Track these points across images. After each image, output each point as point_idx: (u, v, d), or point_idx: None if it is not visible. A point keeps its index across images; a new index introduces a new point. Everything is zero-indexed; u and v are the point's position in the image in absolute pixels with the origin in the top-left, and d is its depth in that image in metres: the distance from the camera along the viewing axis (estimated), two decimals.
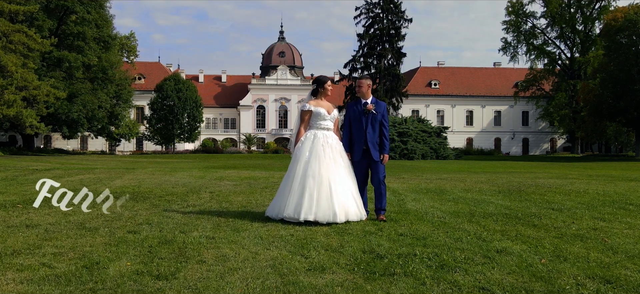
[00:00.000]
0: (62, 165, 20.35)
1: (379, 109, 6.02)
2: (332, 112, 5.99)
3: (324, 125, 5.88)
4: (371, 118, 5.94)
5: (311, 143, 5.75)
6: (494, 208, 6.95)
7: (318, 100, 6.00)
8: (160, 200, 7.31)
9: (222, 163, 30.86)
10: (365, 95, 6.05)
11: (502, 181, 12.22)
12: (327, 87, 6.01)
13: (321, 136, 5.79)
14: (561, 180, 13.73)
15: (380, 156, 5.99)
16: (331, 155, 5.68)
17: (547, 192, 9.41)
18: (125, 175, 12.36)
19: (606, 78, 48.65)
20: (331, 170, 5.59)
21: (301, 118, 6.00)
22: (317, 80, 6.07)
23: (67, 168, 15.60)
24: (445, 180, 13.11)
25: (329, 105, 6.02)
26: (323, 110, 5.90)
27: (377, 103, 6.06)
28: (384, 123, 6.05)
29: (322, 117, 5.87)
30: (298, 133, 5.92)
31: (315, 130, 5.86)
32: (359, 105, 6.04)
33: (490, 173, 19.99)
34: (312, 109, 5.89)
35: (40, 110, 37.48)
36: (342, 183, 5.62)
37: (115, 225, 5.29)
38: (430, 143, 45.32)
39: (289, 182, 5.66)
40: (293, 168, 5.70)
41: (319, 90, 6.01)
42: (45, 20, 42.39)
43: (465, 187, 10.33)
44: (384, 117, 6.06)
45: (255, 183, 9.97)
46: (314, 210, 5.42)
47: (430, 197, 8.33)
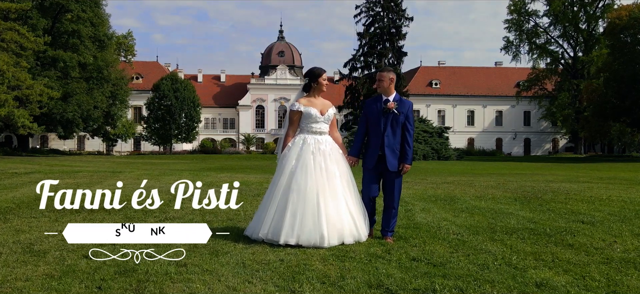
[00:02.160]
0: (50, 167, 19.50)
1: (403, 109, 5.00)
2: (326, 112, 5.03)
3: (316, 128, 4.95)
4: (392, 118, 4.96)
5: (299, 149, 4.83)
6: (516, 221, 6.08)
7: (310, 97, 5.06)
8: (136, 212, 6.42)
9: (219, 164, 30.08)
10: (387, 91, 5.06)
11: (513, 186, 11.37)
12: (321, 81, 5.05)
13: (312, 141, 4.88)
14: (574, 183, 12.89)
15: (399, 166, 5.01)
16: (322, 164, 4.77)
17: (568, 200, 8.55)
18: (107, 180, 11.50)
19: (610, 78, 47.88)
20: (321, 182, 4.68)
21: (289, 119, 5.05)
22: (309, 73, 5.11)
23: (50, 172, 14.74)
24: (452, 184, 12.26)
25: (323, 103, 5.08)
26: (315, 110, 4.97)
27: (401, 102, 5.05)
28: (408, 127, 5.01)
29: (313, 118, 4.95)
30: (286, 138, 5.02)
31: (306, 133, 4.95)
32: (378, 102, 5.05)
33: (497, 175, 19.19)
34: (301, 109, 4.96)
35: (33, 110, 36.63)
36: (335, 197, 4.69)
37: (70, 246, 4.41)
38: (432, 144, 44.52)
39: (271, 196, 4.77)
40: (276, 179, 4.82)
41: (311, 85, 5.06)
42: (40, 18, 41.51)
43: (477, 194, 9.48)
44: (408, 118, 5.02)
45: (247, 190, 9.09)
46: (296, 231, 4.51)
47: (441, 206, 7.47)
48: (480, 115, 79.67)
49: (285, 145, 4.94)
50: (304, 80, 5.14)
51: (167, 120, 55.22)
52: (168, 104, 55.13)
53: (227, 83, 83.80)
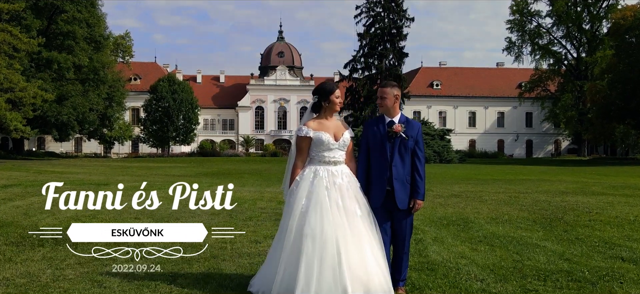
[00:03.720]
0: (35, 176, 18.70)
1: (412, 132, 4.13)
2: (341, 136, 4.10)
3: (329, 157, 4.03)
4: (400, 144, 4.08)
5: (310, 184, 3.93)
6: (546, 259, 5.26)
7: (321, 119, 4.12)
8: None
9: (216, 169, 29.29)
10: (391, 111, 4.17)
11: (527, 202, 10.56)
12: (333, 99, 4.11)
13: (325, 173, 3.97)
14: (590, 196, 12.13)
15: (409, 203, 4.13)
16: (339, 202, 3.87)
17: (593, 222, 7.75)
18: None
19: (615, 79, 47.12)
20: (340, 224, 3.79)
21: (297, 147, 4.11)
22: (319, 89, 4.16)
23: (32, 183, 13.90)
24: (460, 198, 11.47)
25: (337, 126, 4.13)
26: (327, 135, 4.03)
27: (409, 124, 4.16)
28: (418, 153, 4.16)
29: (326, 145, 4.02)
30: (293, 170, 4.09)
31: (317, 164, 4.03)
32: (381, 124, 4.16)
33: (503, 182, 18.42)
34: (311, 135, 4.04)
35: (27, 112, 35.85)
36: (358, 242, 3.80)
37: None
38: (434, 147, 43.79)
39: (280, 244, 3.89)
40: (285, 223, 3.93)
41: (321, 104, 4.12)
42: (34, 19, 40.70)
43: (490, 213, 8.66)
44: (417, 143, 4.17)
45: (239, 211, 8.23)
46: (313, 287, 3.64)
47: (455, 234, 6.65)
48: (482, 116, 78.87)
49: (293, 179, 4.04)
50: (313, 99, 4.20)
51: (165, 122, 54.40)
52: (166, 106, 54.31)
53: (227, 84, 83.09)
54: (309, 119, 4.15)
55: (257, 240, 6.05)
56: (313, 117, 4.16)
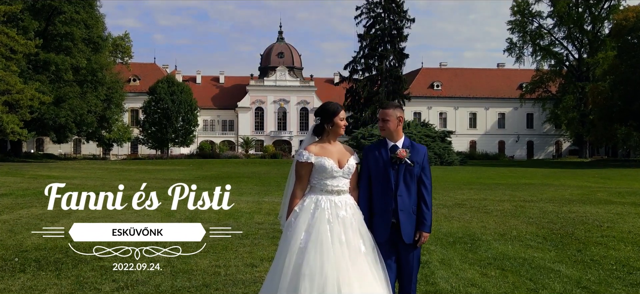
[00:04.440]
0: (28, 183, 18.33)
1: (417, 157, 3.72)
2: (345, 163, 3.67)
3: (332, 185, 3.60)
4: (405, 171, 3.68)
5: (310, 217, 3.51)
6: (562, 287, 4.91)
7: (323, 143, 3.69)
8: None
9: (215, 172, 28.94)
10: (394, 134, 3.75)
11: (534, 213, 10.21)
12: (337, 121, 3.69)
13: (327, 204, 3.54)
14: (598, 206, 11.78)
15: (415, 235, 3.73)
16: (342, 237, 3.45)
17: (606, 238, 7.40)
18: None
19: (617, 81, 46.77)
20: (343, 263, 3.37)
21: (296, 174, 3.67)
22: (322, 110, 3.74)
23: (23, 194, 13.50)
24: (465, 208, 11.12)
25: (341, 151, 3.71)
26: (330, 161, 3.61)
27: (414, 148, 3.74)
28: (425, 180, 3.75)
29: (329, 172, 3.59)
30: (291, 199, 3.65)
31: (319, 194, 3.60)
32: (384, 150, 3.75)
33: (506, 187, 18.10)
34: (312, 160, 3.61)
35: (24, 115, 35.49)
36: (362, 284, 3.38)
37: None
38: (435, 149, 43.38)
39: (275, 284, 3.46)
40: (281, 259, 3.49)
41: (324, 127, 3.69)
42: (32, 20, 40.34)
43: (497, 228, 8.31)
44: (424, 170, 3.76)
45: (235, 226, 7.86)
46: None
47: (462, 254, 6.29)
48: (483, 117, 78.53)
49: (291, 210, 3.61)
50: (315, 120, 3.76)
51: (164, 124, 54.03)
52: (164, 107, 53.94)
53: (226, 84, 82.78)
54: (310, 143, 3.72)
55: (253, 264, 5.70)
56: (315, 140, 3.75)
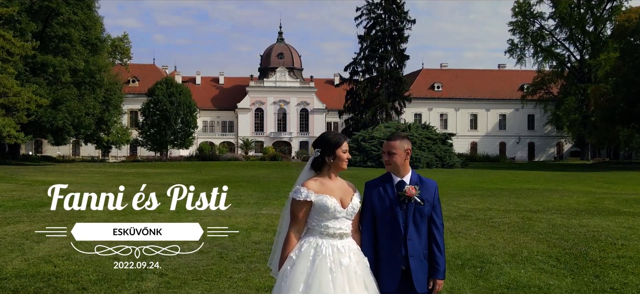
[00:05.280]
0: (26, 186, 17.96)
1: (428, 195, 3.29)
2: (349, 202, 3.22)
3: (334, 228, 3.15)
4: (414, 211, 3.25)
5: (310, 265, 3.05)
6: None
7: (324, 178, 3.23)
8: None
9: (214, 175, 28.53)
10: (400, 169, 3.32)
11: (544, 228, 9.81)
12: (340, 153, 3.24)
13: (329, 250, 3.09)
14: (607, 218, 11.40)
15: (428, 283, 3.29)
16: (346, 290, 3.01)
17: (623, 259, 7.01)
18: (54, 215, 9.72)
19: (619, 82, 46.40)
20: None
21: (291, 214, 3.20)
22: (322, 141, 3.28)
23: (9, 205, 13.07)
24: (470, 220, 10.74)
25: (343, 188, 3.25)
26: (333, 200, 3.16)
27: (423, 184, 3.31)
28: (436, 220, 3.32)
29: (331, 212, 3.14)
30: (286, 243, 3.18)
31: (318, 237, 3.14)
32: (389, 186, 3.30)
33: (510, 193, 17.69)
34: (312, 198, 3.14)
35: (21, 118, 35.12)
36: None
37: None
38: (436, 151, 43.04)
39: None
40: None
41: (325, 160, 3.24)
42: (29, 22, 39.95)
43: (507, 247, 7.90)
44: (435, 208, 3.32)
45: (230, 246, 7.44)
46: None
47: (472, 282, 5.89)
48: (484, 118, 78.18)
49: (286, 256, 3.13)
50: (314, 152, 3.29)
51: (163, 126, 53.61)
52: (163, 109, 53.52)
53: (226, 85, 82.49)
54: (308, 178, 3.24)
55: None
56: (313, 175, 3.27)
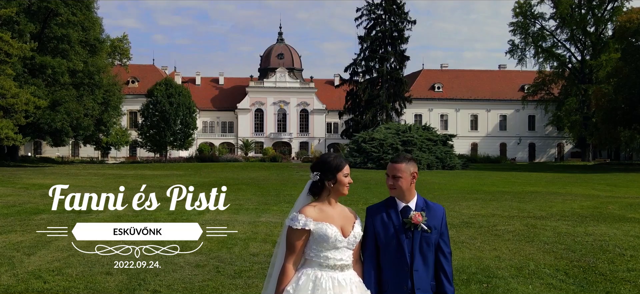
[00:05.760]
0: (23, 189, 17.73)
1: (435, 221, 3.06)
2: (351, 230, 2.98)
3: (335, 259, 2.91)
4: (420, 240, 3.02)
5: None
6: None
7: (323, 204, 2.98)
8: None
9: (213, 178, 28.30)
10: (406, 194, 3.07)
11: (549, 237, 9.59)
12: (341, 177, 2.98)
13: (330, 284, 2.85)
14: (613, 225, 11.18)
15: None
16: None
17: (634, 272, 6.80)
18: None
19: (621, 83, 46.16)
20: None
21: (288, 243, 2.93)
22: (322, 164, 3.02)
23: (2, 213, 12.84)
24: (473, 228, 10.52)
25: (344, 216, 3.01)
26: (333, 228, 2.91)
27: (430, 209, 3.08)
28: (444, 248, 3.09)
29: (331, 242, 2.90)
30: (281, 275, 2.91)
31: (317, 268, 2.90)
32: (393, 213, 3.05)
33: (512, 197, 17.47)
34: (310, 227, 2.89)
35: (19, 119, 34.90)
36: None
37: None
38: (436, 152, 42.82)
39: None
40: None
41: (324, 184, 2.99)
42: (27, 23, 39.69)
43: (513, 259, 7.68)
44: (443, 235, 3.10)
45: (227, 259, 7.23)
46: None
47: None
48: (484, 119, 77.97)
49: (282, 290, 2.87)
50: (312, 176, 3.02)
51: (162, 127, 53.39)
52: (163, 110, 53.31)
53: (226, 86, 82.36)
54: (306, 204, 2.99)
55: None
56: (311, 200, 3.01)
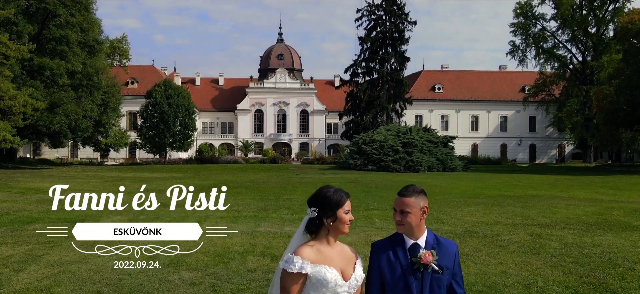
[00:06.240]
0: (19, 194, 17.49)
1: (447, 260, 2.80)
2: (351, 273, 2.73)
3: None
4: (431, 281, 2.76)
5: None
6: None
7: (321, 244, 2.69)
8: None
9: (212, 180, 28.04)
10: (415, 230, 2.79)
11: (554, 246, 9.36)
12: (341, 214, 2.68)
13: None
14: (620, 235, 10.96)
15: None
16: None
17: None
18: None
19: (622, 84, 45.92)
20: None
21: (282, 288, 2.63)
22: (321, 199, 2.71)
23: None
24: (476, 237, 10.27)
25: (345, 256, 2.74)
26: (333, 271, 2.63)
27: (441, 247, 2.81)
28: (457, 290, 2.85)
29: (331, 287, 2.63)
30: None
31: None
32: (401, 251, 2.78)
33: (515, 201, 17.22)
34: (308, 271, 2.60)
35: (17, 122, 34.66)
36: None
37: None
38: (437, 154, 42.61)
39: None
40: None
41: (322, 222, 2.69)
42: (26, 24, 39.44)
43: (520, 274, 7.44)
44: (455, 275, 2.85)
45: (224, 275, 6.99)
46: None
47: None
48: (485, 120, 77.76)
49: None
50: (310, 212, 2.71)
51: (161, 129, 53.15)
52: (162, 111, 53.06)
53: (226, 86, 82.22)
54: (302, 243, 2.69)
55: None
56: (307, 240, 2.72)
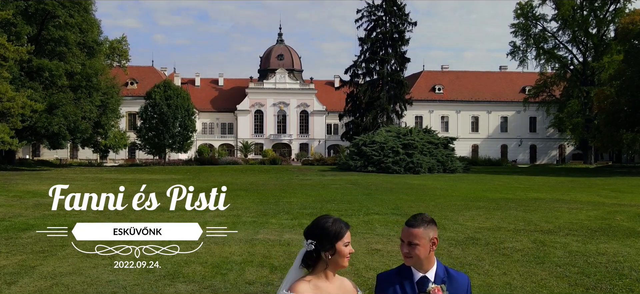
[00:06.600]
0: (17, 198, 17.31)
1: (457, 291, 2.62)
2: None
3: None
4: None
5: None
6: None
7: (318, 279, 2.50)
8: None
9: (211, 182, 27.85)
10: (424, 262, 2.61)
11: (559, 255, 9.19)
12: (340, 247, 2.49)
13: None
14: (625, 243, 10.79)
15: None
16: None
17: None
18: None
19: (624, 85, 45.76)
20: None
21: None
22: (318, 230, 2.52)
23: None
24: (479, 245, 10.10)
25: (344, 289, 2.56)
26: None
27: (451, 281, 2.62)
28: None
29: None
30: None
31: None
32: (408, 285, 2.60)
33: (516, 205, 17.05)
34: None
35: (15, 123, 34.48)
36: None
37: None
38: (437, 156, 42.44)
39: None
40: None
41: (320, 255, 2.51)
42: (25, 25, 39.25)
43: (524, 286, 7.26)
44: None
45: (221, 288, 6.81)
46: None
47: None
48: (485, 121, 77.58)
49: None
50: (306, 245, 2.52)
51: (161, 130, 52.96)
52: (161, 112, 52.88)
53: (225, 87, 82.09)
54: (298, 278, 2.51)
55: None
56: (304, 274, 2.54)
